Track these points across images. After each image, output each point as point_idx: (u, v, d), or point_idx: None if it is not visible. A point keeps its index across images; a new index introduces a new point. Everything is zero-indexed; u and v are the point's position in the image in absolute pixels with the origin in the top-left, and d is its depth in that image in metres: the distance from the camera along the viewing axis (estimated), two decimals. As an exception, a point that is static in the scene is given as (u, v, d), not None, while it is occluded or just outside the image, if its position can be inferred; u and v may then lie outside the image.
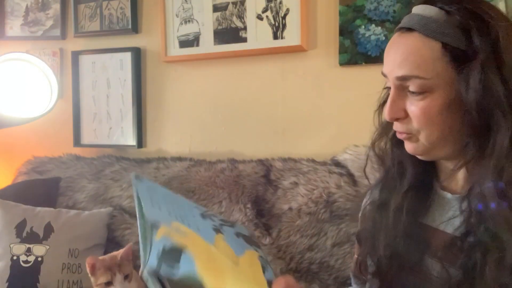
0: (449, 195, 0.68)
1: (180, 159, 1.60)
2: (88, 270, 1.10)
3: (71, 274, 1.38)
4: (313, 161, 1.41)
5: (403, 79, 0.62)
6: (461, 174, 0.66)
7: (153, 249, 0.54)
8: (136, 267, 1.41)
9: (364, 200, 0.83)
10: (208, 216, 0.72)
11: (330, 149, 1.43)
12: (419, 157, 0.68)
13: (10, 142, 1.93)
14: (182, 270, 0.54)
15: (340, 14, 1.42)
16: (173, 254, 0.55)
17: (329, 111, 1.48)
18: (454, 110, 0.60)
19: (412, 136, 0.65)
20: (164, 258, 0.54)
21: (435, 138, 0.62)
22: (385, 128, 0.74)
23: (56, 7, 1.85)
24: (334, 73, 1.47)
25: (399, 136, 0.67)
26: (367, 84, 1.43)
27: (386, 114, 0.65)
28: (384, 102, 0.74)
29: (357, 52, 1.41)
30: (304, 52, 1.50)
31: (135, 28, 1.74)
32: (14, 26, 1.91)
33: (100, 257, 1.13)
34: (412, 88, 0.61)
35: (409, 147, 0.66)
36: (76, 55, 1.82)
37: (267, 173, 1.43)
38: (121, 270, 1.11)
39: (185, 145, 1.70)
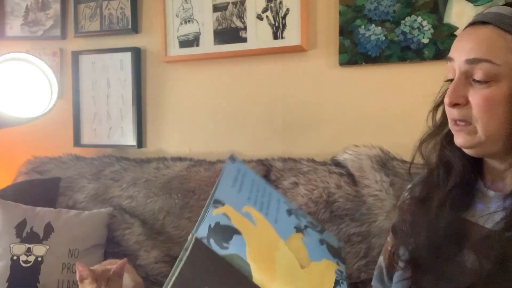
0: (492, 193, 0.69)
1: (180, 159, 1.60)
2: (77, 276, 1.09)
3: (71, 274, 1.37)
4: (313, 161, 1.41)
5: (473, 62, 0.63)
6: (509, 175, 0.67)
7: (206, 221, 0.56)
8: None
9: (404, 195, 0.85)
10: (295, 215, 0.74)
11: (330, 149, 1.43)
12: (468, 151, 0.68)
13: (10, 142, 1.93)
14: (231, 249, 0.55)
15: (340, 14, 1.42)
16: (226, 231, 0.57)
17: (329, 111, 1.48)
18: None
19: (468, 126, 0.65)
20: (216, 232, 0.56)
21: (492, 130, 0.63)
22: (439, 128, 0.75)
23: (56, 7, 1.85)
24: (334, 73, 1.47)
25: (454, 127, 0.68)
26: (367, 84, 1.43)
27: (446, 98, 0.66)
28: (440, 103, 0.76)
29: (357, 52, 1.41)
30: (304, 52, 1.50)
31: (135, 28, 1.74)
32: (14, 26, 1.91)
33: (92, 267, 1.11)
34: (478, 75, 0.63)
35: (462, 139, 0.67)
36: (76, 55, 1.82)
37: (267, 173, 1.43)
38: (109, 285, 1.07)
39: (185, 145, 1.70)
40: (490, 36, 0.63)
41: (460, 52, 0.66)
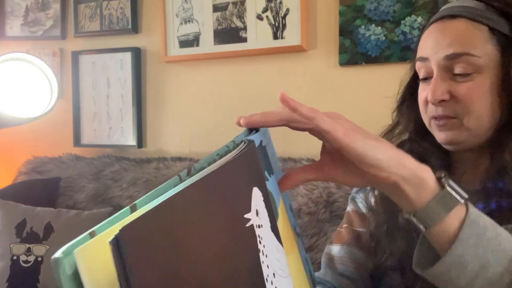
0: (467, 188, 0.68)
1: (180, 159, 1.60)
2: None
3: (71, 274, 1.38)
4: (313, 161, 1.40)
5: (453, 57, 0.61)
6: (482, 168, 0.65)
7: (259, 134, 0.46)
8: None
9: (359, 194, 0.80)
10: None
11: (330, 149, 1.43)
12: (450, 147, 0.65)
13: (10, 142, 1.93)
14: (269, 184, 0.45)
15: (340, 14, 1.42)
16: (269, 162, 0.49)
17: (329, 111, 1.48)
18: (499, 93, 0.61)
19: (455, 121, 0.63)
20: (263, 153, 0.46)
21: (481, 122, 0.61)
22: (406, 125, 0.73)
23: (56, 7, 1.85)
24: (334, 73, 1.47)
25: (435, 123, 0.65)
26: (367, 84, 1.43)
27: (430, 97, 0.63)
28: (404, 98, 0.73)
29: (357, 52, 1.41)
30: (304, 52, 1.50)
31: (135, 28, 1.74)
32: (14, 26, 1.91)
33: None
34: (459, 69, 0.61)
35: (446, 135, 0.64)
36: (76, 55, 1.82)
37: (267, 173, 1.43)
38: None
39: (185, 145, 1.70)
40: (465, 29, 0.61)
41: (436, 49, 0.63)
